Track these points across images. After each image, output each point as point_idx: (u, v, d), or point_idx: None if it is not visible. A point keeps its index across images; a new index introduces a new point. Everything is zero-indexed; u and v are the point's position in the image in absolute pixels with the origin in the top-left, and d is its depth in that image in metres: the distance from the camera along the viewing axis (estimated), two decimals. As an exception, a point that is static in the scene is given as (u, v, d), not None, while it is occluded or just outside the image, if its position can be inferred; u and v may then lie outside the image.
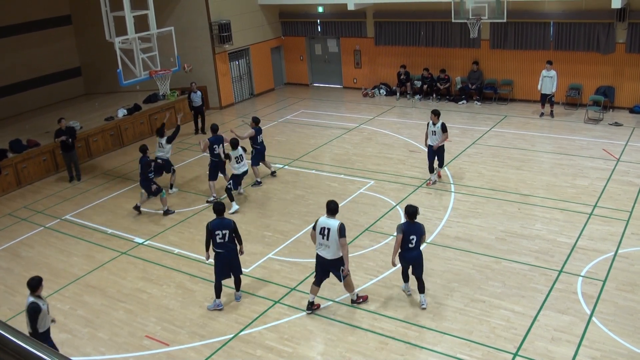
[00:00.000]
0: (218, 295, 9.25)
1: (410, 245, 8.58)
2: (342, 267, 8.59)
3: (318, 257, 8.71)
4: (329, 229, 8.43)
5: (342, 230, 8.37)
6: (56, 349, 7.48)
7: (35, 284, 7.56)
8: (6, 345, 1.78)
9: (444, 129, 12.81)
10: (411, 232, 8.53)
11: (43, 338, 7.42)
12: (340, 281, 8.77)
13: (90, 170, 16.16)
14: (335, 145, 16.60)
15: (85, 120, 17.89)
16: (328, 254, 8.55)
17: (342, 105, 21.06)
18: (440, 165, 13.42)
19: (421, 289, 8.86)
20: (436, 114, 12.94)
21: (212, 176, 13.37)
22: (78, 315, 9.49)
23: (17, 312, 9.65)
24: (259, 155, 14.11)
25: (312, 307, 8.96)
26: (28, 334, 6.82)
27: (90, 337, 8.89)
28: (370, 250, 10.70)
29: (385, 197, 12.87)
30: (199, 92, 18.37)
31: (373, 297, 9.24)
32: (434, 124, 12.84)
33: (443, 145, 13.06)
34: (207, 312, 9.20)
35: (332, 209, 8.55)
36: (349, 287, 8.92)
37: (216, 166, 13.39)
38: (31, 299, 7.49)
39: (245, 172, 13.01)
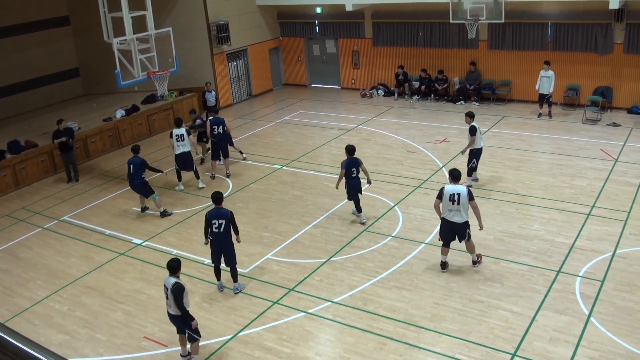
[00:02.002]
0: (218, 278, 9.78)
1: (352, 176, 11.34)
2: (467, 231, 9.49)
3: (447, 223, 9.45)
4: (458, 194, 9.23)
5: (470, 193, 9.31)
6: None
7: (175, 266, 7.75)
8: (4, 347, 1.78)
9: (471, 131, 12.43)
10: (351, 164, 11.24)
11: (189, 314, 7.75)
12: (468, 241, 9.58)
13: (88, 171, 16.15)
14: (333, 146, 16.60)
15: (84, 121, 17.88)
16: (460, 218, 9.36)
17: (340, 105, 21.07)
18: (469, 173, 12.87)
19: (358, 209, 11.73)
20: (469, 115, 12.64)
21: (215, 156, 14.64)
22: (76, 316, 9.48)
23: (15, 313, 9.65)
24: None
25: (445, 267, 9.79)
26: (177, 315, 7.50)
27: (89, 338, 8.88)
28: (369, 250, 10.70)
29: (383, 197, 12.87)
30: (213, 92, 18.52)
31: (372, 297, 9.24)
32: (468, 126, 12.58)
33: (470, 149, 12.58)
34: (205, 313, 9.20)
35: (456, 176, 9.44)
36: (471, 248, 9.71)
37: (218, 146, 14.50)
38: (172, 279, 7.66)
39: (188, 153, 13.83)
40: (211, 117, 14.77)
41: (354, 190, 11.62)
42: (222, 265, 9.62)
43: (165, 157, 16.47)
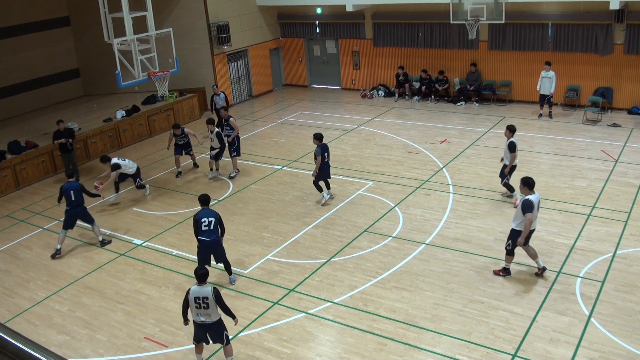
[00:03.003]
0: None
1: (325, 160, 12.43)
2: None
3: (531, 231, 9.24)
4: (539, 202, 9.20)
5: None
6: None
7: (206, 273, 7.54)
8: (5, 347, 1.78)
9: (510, 148, 11.71)
10: (324, 149, 12.36)
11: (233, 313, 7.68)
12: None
13: (88, 172, 16.15)
14: (333, 146, 16.60)
15: (84, 122, 17.89)
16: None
17: (341, 106, 21.07)
18: (510, 189, 12.15)
19: (328, 186, 12.83)
20: (510, 129, 11.90)
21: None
22: (76, 317, 9.48)
23: (16, 313, 9.65)
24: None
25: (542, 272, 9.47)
26: (215, 322, 7.43)
27: (89, 338, 8.88)
28: (369, 251, 10.70)
29: (384, 198, 12.87)
30: (222, 94, 18.03)
31: (372, 298, 9.24)
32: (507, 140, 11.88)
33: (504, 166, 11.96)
34: (205, 314, 9.20)
35: (532, 184, 9.12)
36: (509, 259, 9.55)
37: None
38: (207, 287, 7.40)
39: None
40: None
41: (326, 174, 12.69)
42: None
43: (165, 158, 16.48)
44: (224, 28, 20.44)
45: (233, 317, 7.63)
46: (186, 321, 7.75)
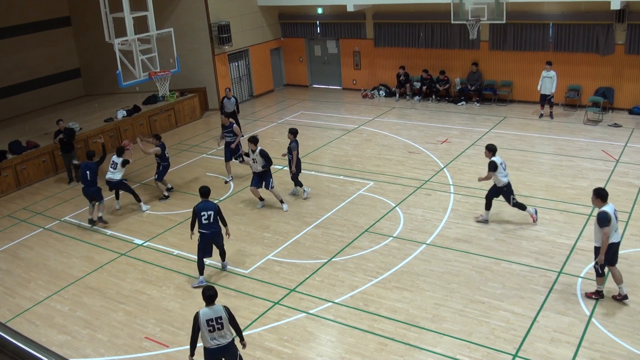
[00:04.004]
0: (201, 273, 9.98)
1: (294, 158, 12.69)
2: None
3: (614, 244, 8.48)
4: (614, 211, 8.49)
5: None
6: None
7: (214, 294, 6.96)
8: (6, 347, 1.78)
9: (490, 167, 10.84)
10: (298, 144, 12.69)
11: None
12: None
13: (89, 172, 16.14)
14: (334, 146, 16.60)
15: (85, 122, 17.90)
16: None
17: (342, 106, 21.06)
18: (521, 207, 11.16)
19: (300, 185, 13.07)
20: (489, 149, 10.99)
21: (228, 157, 14.51)
22: (77, 316, 9.48)
23: (16, 313, 9.65)
24: (164, 171, 13.74)
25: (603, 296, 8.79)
26: (229, 343, 6.88)
27: (90, 338, 8.88)
28: (370, 251, 10.69)
29: (384, 198, 12.87)
30: (232, 99, 17.31)
31: (373, 298, 9.24)
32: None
33: (495, 186, 11.07)
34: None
35: (605, 195, 8.52)
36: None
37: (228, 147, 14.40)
38: (219, 306, 6.93)
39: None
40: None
41: (300, 167, 13.07)
42: (207, 261, 10.12)
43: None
44: (224, 28, 20.44)
45: (242, 338, 7.15)
46: (193, 354, 6.91)
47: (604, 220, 8.24)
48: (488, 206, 11.30)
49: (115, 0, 13.72)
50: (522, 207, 11.14)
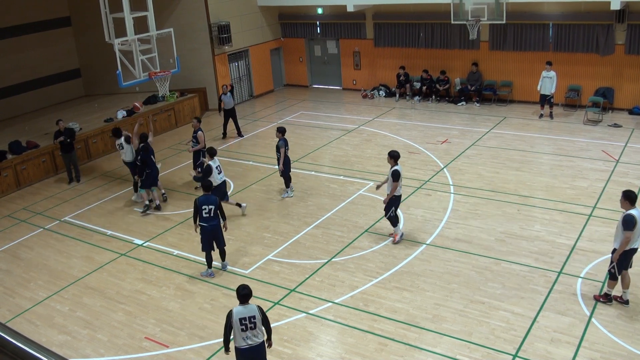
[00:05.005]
0: (209, 266, 10.28)
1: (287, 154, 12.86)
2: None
3: (633, 250, 8.28)
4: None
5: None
6: None
7: (249, 292, 6.86)
8: (6, 347, 1.78)
9: (393, 176, 10.46)
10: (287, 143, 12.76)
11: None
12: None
13: (89, 172, 16.16)
14: (334, 146, 16.60)
15: (85, 122, 17.90)
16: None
17: (342, 106, 21.07)
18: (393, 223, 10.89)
19: (287, 184, 13.19)
20: (391, 155, 10.59)
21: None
22: (77, 316, 9.48)
23: (16, 313, 9.66)
24: (150, 179, 12.96)
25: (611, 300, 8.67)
26: (261, 343, 6.80)
27: (90, 338, 8.88)
28: (370, 251, 10.70)
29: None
30: (229, 93, 17.33)
31: (373, 298, 9.24)
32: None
33: (392, 198, 10.60)
34: (206, 314, 9.20)
35: (634, 198, 8.25)
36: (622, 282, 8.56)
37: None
38: (253, 305, 6.86)
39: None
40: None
41: (289, 166, 13.16)
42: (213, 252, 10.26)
43: (166, 158, 16.49)
44: (224, 28, 20.44)
45: (269, 338, 7.11)
46: (228, 349, 7.01)
47: (629, 223, 8.04)
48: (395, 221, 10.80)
49: (115, 1, 13.72)
50: (395, 223, 10.79)
